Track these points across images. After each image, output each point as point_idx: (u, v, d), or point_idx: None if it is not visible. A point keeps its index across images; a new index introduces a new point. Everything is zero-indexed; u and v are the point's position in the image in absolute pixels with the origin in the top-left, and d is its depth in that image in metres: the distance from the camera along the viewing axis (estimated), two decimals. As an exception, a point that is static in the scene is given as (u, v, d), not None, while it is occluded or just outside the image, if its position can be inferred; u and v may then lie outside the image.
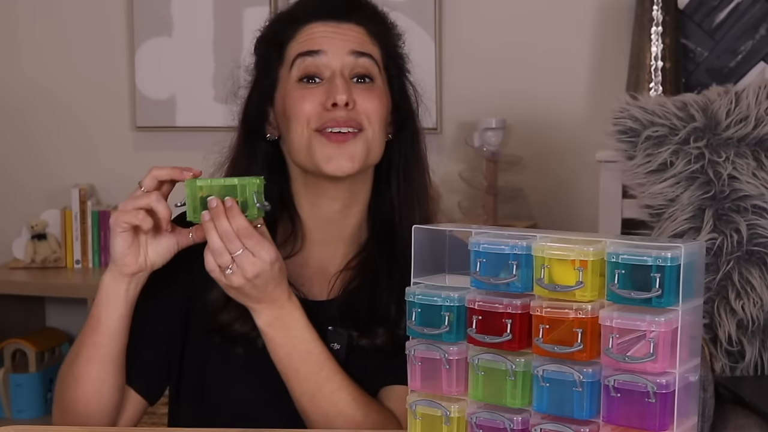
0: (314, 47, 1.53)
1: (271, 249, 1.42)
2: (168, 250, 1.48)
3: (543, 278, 1.22)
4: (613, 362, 1.19)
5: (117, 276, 1.47)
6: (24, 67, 3.71)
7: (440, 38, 3.33)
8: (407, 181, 1.60)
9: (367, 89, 1.54)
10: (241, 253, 1.40)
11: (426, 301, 1.29)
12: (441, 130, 3.35)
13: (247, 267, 1.40)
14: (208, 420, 1.54)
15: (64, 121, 3.69)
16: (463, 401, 1.29)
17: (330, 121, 1.51)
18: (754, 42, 2.92)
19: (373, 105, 1.54)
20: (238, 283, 1.42)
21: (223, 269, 1.41)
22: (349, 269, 1.59)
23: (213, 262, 1.41)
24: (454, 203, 3.26)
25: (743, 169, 2.25)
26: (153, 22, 3.56)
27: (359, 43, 1.55)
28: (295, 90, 1.54)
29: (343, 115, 1.51)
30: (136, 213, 1.43)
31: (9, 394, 3.47)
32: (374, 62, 1.55)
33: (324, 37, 1.54)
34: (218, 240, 1.40)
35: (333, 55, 1.53)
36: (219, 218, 1.39)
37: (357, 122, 1.52)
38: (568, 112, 3.24)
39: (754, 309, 2.19)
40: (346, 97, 1.51)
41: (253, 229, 1.40)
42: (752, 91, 2.34)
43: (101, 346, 1.50)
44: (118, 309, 1.49)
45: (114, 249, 1.46)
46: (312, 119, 1.52)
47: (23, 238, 3.58)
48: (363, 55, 1.54)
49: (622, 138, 2.39)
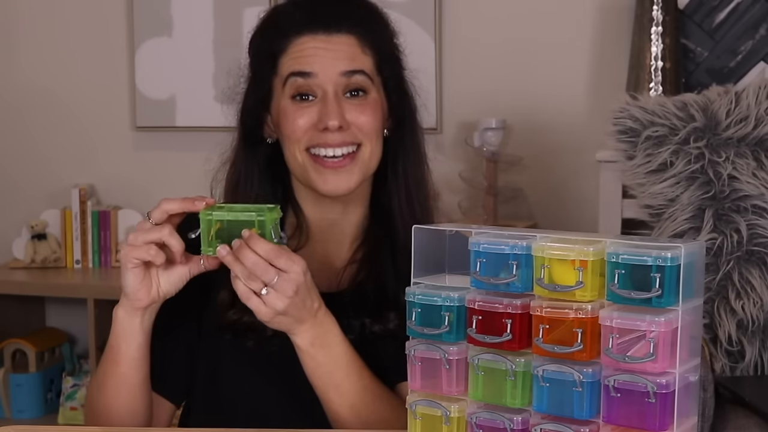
0: (305, 68, 1.53)
1: (300, 259, 1.39)
2: (180, 279, 1.45)
3: (543, 278, 1.22)
4: (613, 362, 1.19)
5: (130, 310, 1.45)
6: (24, 67, 3.71)
7: (440, 38, 3.33)
8: (406, 174, 1.61)
9: (360, 104, 1.54)
10: (278, 276, 1.37)
11: (426, 301, 1.29)
12: (441, 130, 3.35)
13: (286, 286, 1.37)
14: (220, 415, 1.55)
15: (64, 121, 3.69)
16: (463, 401, 1.29)
17: (322, 143, 1.52)
18: (754, 42, 2.92)
19: (367, 119, 1.54)
20: (282, 306, 1.38)
21: (258, 293, 1.37)
22: (354, 262, 1.60)
23: (245, 289, 1.38)
24: (454, 203, 3.26)
25: (743, 169, 2.25)
26: (153, 22, 3.56)
27: (350, 58, 1.53)
28: (288, 107, 1.54)
29: (336, 137, 1.52)
30: (147, 248, 1.40)
31: (9, 394, 3.47)
32: (366, 76, 1.55)
33: (314, 56, 1.53)
34: (245, 269, 1.36)
35: (324, 76, 1.52)
36: (243, 252, 1.36)
37: (352, 141, 1.53)
38: (568, 112, 3.24)
39: (754, 309, 2.19)
40: (337, 122, 1.51)
41: (278, 247, 1.37)
42: (752, 91, 2.34)
43: (126, 376, 1.48)
44: (136, 340, 1.46)
45: (125, 284, 1.43)
46: (305, 139, 1.53)
47: (23, 238, 3.58)
48: (355, 72, 1.54)
49: (622, 138, 2.39)
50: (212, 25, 3.52)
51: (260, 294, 1.37)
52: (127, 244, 1.42)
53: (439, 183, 3.22)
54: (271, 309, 1.38)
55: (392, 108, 1.60)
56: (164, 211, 1.41)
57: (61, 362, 3.59)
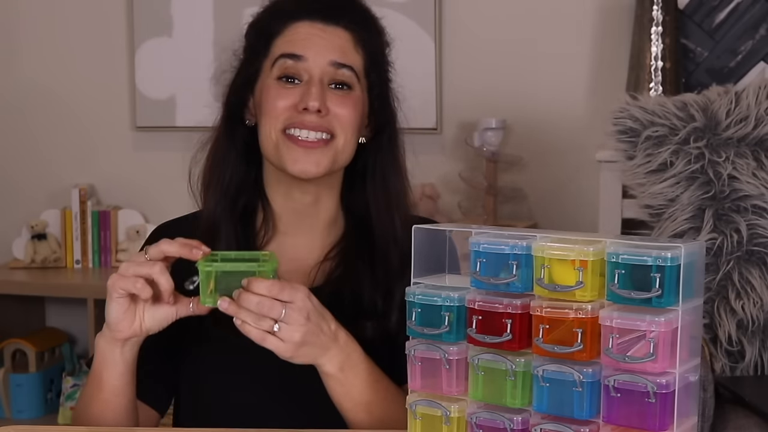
0: (297, 51, 1.54)
1: (300, 285, 1.39)
2: (166, 318, 1.43)
3: (543, 278, 1.22)
4: (613, 362, 1.19)
5: (110, 340, 1.43)
6: (24, 67, 3.71)
7: (440, 38, 3.33)
8: (384, 185, 1.61)
9: (342, 96, 1.55)
10: (285, 309, 1.36)
11: (426, 301, 1.29)
12: (441, 130, 3.35)
13: (296, 315, 1.37)
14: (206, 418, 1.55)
15: (65, 121, 3.69)
16: (463, 401, 1.29)
17: (299, 123, 1.53)
18: (754, 42, 2.92)
19: (347, 112, 1.55)
20: (299, 336, 1.37)
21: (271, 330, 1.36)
22: (328, 259, 1.61)
23: (258, 331, 1.36)
24: (454, 203, 3.26)
25: (743, 169, 2.25)
26: (153, 22, 3.56)
27: (342, 52, 1.55)
28: (272, 87, 1.56)
29: (313, 120, 1.53)
30: (135, 281, 1.38)
31: (9, 394, 3.47)
32: (354, 74, 1.56)
33: (307, 40, 1.54)
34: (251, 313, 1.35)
35: (314, 62, 1.54)
36: (245, 297, 1.35)
37: (327, 128, 1.54)
38: (568, 112, 3.24)
39: (754, 309, 2.19)
40: (318, 104, 1.52)
41: (277, 282, 1.37)
42: (752, 91, 2.34)
43: (109, 402, 1.47)
44: (117, 369, 1.45)
45: (108, 312, 1.41)
46: (282, 118, 1.54)
47: (23, 238, 3.58)
48: (344, 66, 1.55)
49: (622, 138, 2.39)
50: (212, 25, 3.52)
51: (274, 332, 1.36)
52: (117, 273, 1.40)
53: (439, 183, 3.26)
54: (289, 343, 1.37)
55: (373, 114, 1.61)
56: (161, 251, 1.40)
57: (61, 362, 3.59)
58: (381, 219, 1.60)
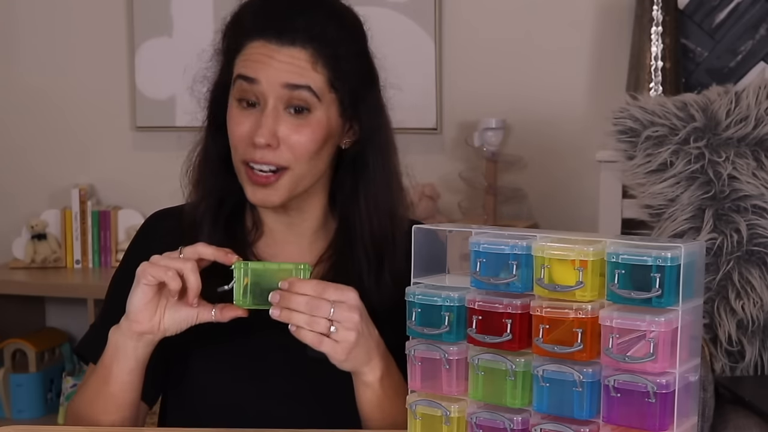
0: (250, 74, 1.49)
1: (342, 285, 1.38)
2: (186, 320, 1.43)
3: (543, 278, 1.22)
4: (613, 362, 1.19)
5: (126, 332, 1.42)
6: (24, 66, 3.71)
7: (440, 38, 3.33)
8: (369, 193, 1.57)
9: (299, 123, 1.50)
10: (333, 309, 1.36)
11: (426, 301, 1.29)
12: (441, 130, 3.35)
13: (349, 315, 1.37)
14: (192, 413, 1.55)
15: (65, 121, 3.69)
16: (463, 401, 1.29)
17: (250, 158, 1.50)
18: (754, 42, 2.92)
19: (301, 140, 1.49)
20: (354, 337, 1.37)
21: (327, 333, 1.36)
22: (322, 262, 1.59)
23: (314, 335, 1.36)
24: (454, 203, 3.26)
25: (743, 169, 2.26)
26: (153, 22, 3.56)
27: (297, 73, 1.48)
28: (233, 110, 1.53)
29: (264, 154, 1.49)
30: (166, 270, 1.38)
31: (9, 394, 3.46)
32: (313, 93, 1.49)
33: (260, 63, 1.49)
34: (305, 316, 1.35)
35: (267, 85, 1.48)
36: (293, 299, 1.35)
37: (277, 162, 1.49)
38: (568, 112, 3.24)
39: (754, 309, 2.19)
40: (264, 140, 1.47)
41: (321, 281, 1.37)
42: (752, 91, 2.35)
43: (116, 397, 1.46)
44: (128, 364, 1.44)
45: (131, 301, 1.41)
46: (240, 150, 1.51)
47: (23, 238, 3.58)
48: (298, 87, 1.48)
49: (622, 138, 2.39)
50: (212, 25, 3.52)
51: (329, 334, 1.36)
52: (149, 261, 1.40)
53: (439, 183, 3.25)
54: (345, 343, 1.37)
55: (352, 119, 1.55)
56: (197, 252, 1.40)
57: (61, 362, 3.59)
58: (370, 219, 1.57)
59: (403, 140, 1.66)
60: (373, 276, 1.55)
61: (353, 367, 1.41)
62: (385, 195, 1.58)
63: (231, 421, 1.50)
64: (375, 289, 1.54)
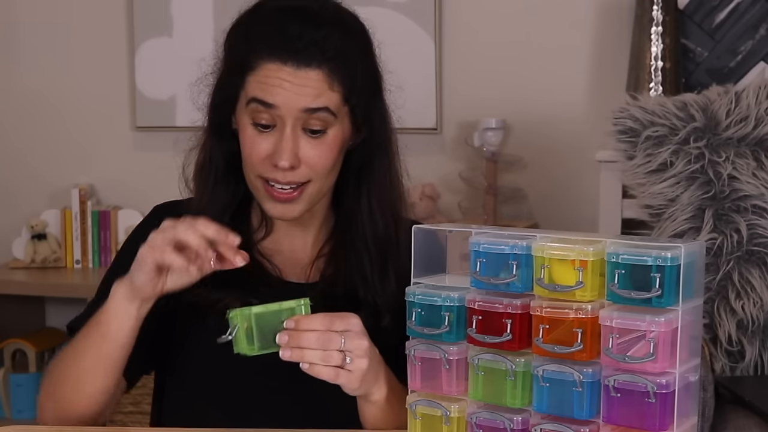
0: (268, 99, 1.48)
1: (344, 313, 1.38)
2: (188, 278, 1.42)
3: (543, 278, 1.22)
4: (613, 362, 1.19)
5: (129, 295, 1.42)
6: (24, 67, 3.71)
7: (440, 38, 3.33)
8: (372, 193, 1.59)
9: (316, 143, 1.51)
10: (344, 339, 1.36)
11: (426, 301, 1.29)
12: (441, 130, 3.35)
13: (359, 343, 1.37)
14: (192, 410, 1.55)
15: (65, 121, 3.69)
16: (463, 401, 1.29)
17: (272, 178, 1.51)
18: (754, 42, 2.92)
19: (320, 157, 1.51)
20: (366, 363, 1.37)
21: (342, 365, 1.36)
22: (322, 256, 1.61)
23: (328, 369, 1.36)
24: (454, 203, 3.26)
25: (743, 169, 2.26)
26: (153, 22, 3.56)
27: (316, 95, 1.48)
28: (248, 130, 1.52)
29: (287, 176, 1.50)
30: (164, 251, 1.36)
31: (9, 394, 3.46)
32: (330, 113, 1.50)
33: (279, 87, 1.48)
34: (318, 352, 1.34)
35: (286, 110, 1.48)
36: (303, 337, 1.34)
37: (300, 181, 1.51)
38: (568, 112, 3.24)
39: (754, 309, 2.19)
40: (288, 163, 1.49)
41: (326, 314, 1.36)
42: (752, 91, 2.35)
43: (107, 357, 1.45)
44: (128, 324, 1.43)
45: (134, 279, 1.40)
46: (258, 167, 1.52)
47: (23, 238, 3.58)
48: (318, 110, 1.49)
49: (622, 138, 2.39)
50: (212, 25, 3.52)
51: (344, 365, 1.36)
52: (147, 245, 1.39)
53: (439, 183, 3.25)
54: (358, 372, 1.37)
55: (360, 124, 1.56)
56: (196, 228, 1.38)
57: (61, 362, 3.59)
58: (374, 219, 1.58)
59: (403, 140, 1.67)
60: (377, 274, 1.56)
61: (364, 391, 1.41)
62: (390, 196, 1.60)
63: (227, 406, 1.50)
64: (379, 285, 1.56)
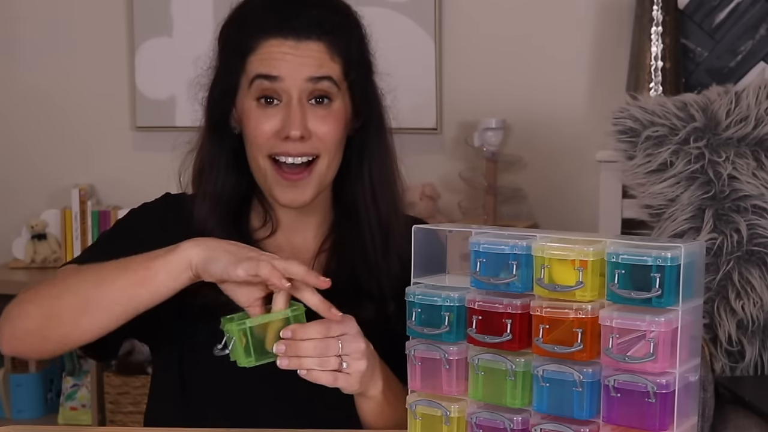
0: (272, 72, 1.52)
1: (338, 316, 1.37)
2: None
3: (543, 278, 1.22)
4: (613, 362, 1.19)
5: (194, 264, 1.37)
6: (24, 67, 3.71)
7: (440, 38, 3.33)
8: (371, 175, 1.61)
9: (323, 114, 1.54)
10: (341, 343, 1.36)
11: (426, 301, 1.29)
12: (441, 130, 3.35)
13: (356, 345, 1.37)
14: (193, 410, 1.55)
15: (65, 121, 3.69)
16: (463, 401, 1.29)
17: (284, 152, 1.53)
18: (754, 42, 2.92)
19: (329, 129, 1.54)
20: (365, 364, 1.38)
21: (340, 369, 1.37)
22: (323, 251, 1.62)
23: (326, 374, 1.36)
24: (454, 203, 3.26)
25: (743, 169, 2.26)
26: (153, 22, 3.56)
27: (318, 65, 1.53)
28: (253, 110, 1.54)
29: (297, 147, 1.52)
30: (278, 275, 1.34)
31: (9, 394, 3.46)
32: (333, 83, 1.54)
33: (282, 60, 1.52)
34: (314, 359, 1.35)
35: (291, 81, 1.52)
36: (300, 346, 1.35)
37: (311, 152, 1.54)
38: (568, 112, 3.24)
39: (754, 309, 2.19)
40: (299, 132, 1.51)
41: (323, 321, 1.36)
42: (752, 91, 2.35)
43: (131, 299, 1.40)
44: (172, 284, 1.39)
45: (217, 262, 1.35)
46: (266, 146, 1.53)
47: (23, 238, 3.58)
48: (321, 79, 1.53)
49: (622, 138, 2.39)
50: (212, 25, 3.52)
51: (342, 369, 1.37)
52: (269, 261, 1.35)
53: (439, 183, 3.25)
54: (356, 374, 1.38)
55: (357, 110, 1.60)
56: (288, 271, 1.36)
57: (60, 362, 3.59)
58: (369, 208, 1.60)
59: (403, 140, 1.68)
60: (381, 254, 1.57)
61: (362, 389, 1.42)
62: (388, 173, 1.62)
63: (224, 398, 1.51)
64: (384, 265, 1.57)
